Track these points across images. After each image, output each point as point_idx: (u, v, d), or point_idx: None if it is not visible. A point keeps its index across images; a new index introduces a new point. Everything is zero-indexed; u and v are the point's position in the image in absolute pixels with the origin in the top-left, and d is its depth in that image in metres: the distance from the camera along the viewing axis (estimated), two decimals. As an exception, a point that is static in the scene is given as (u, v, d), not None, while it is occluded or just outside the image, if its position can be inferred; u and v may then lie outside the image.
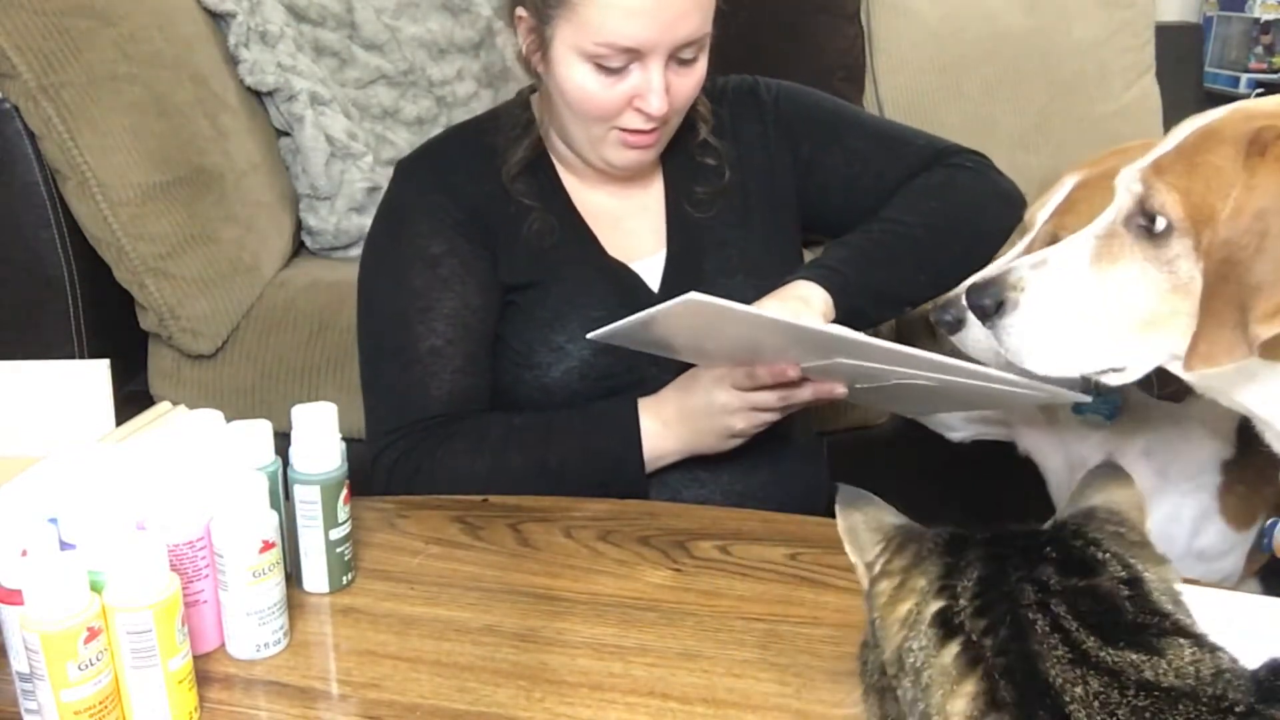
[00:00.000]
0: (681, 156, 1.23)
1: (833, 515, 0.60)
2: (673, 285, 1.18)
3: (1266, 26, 2.71)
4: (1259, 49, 2.72)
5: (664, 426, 1.10)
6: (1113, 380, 0.82)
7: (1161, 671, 0.45)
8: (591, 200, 1.21)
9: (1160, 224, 0.76)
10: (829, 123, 1.26)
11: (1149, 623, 0.48)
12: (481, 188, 1.17)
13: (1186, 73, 2.57)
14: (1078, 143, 2.33)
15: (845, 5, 2.30)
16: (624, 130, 1.10)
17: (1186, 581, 0.88)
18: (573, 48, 1.05)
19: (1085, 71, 2.35)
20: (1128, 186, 0.79)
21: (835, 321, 1.08)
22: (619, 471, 1.10)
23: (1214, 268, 0.74)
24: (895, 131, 1.29)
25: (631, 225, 1.21)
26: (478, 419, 1.14)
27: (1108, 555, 0.51)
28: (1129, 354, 0.80)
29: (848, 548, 0.56)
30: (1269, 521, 1.00)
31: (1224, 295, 0.73)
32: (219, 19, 1.80)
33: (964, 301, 0.95)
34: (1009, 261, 0.88)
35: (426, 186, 1.18)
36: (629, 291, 1.18)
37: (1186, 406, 0.93)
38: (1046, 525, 0.56)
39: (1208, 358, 0.74)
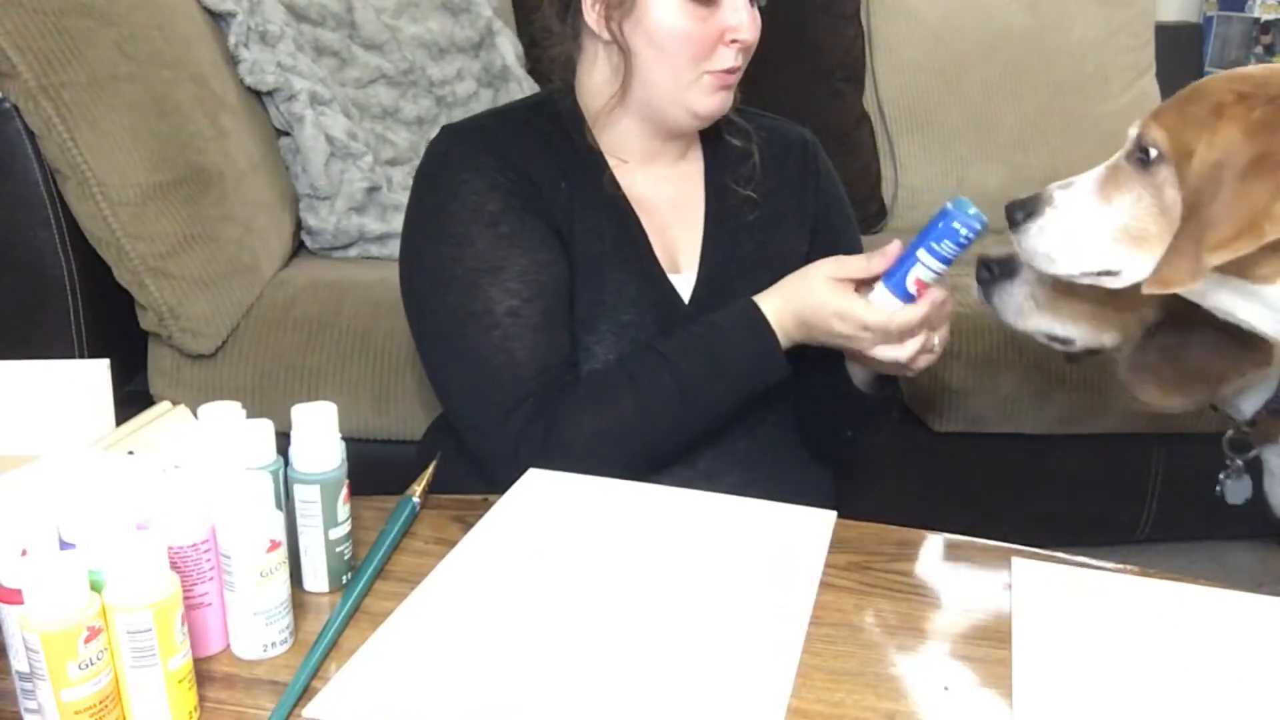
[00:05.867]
0: (719, 158, 1.24)
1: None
2: (703, 302, 1.18)
3: (1266, 26, 2.71)
4: (1259, 49, 2.72)
5: (786, 335, 1.10)
6: (1109, 283, 0.97)
7: None
8: (644, 200, 1.20)
9: (1152, 154, 0.92)
10: (843, 217, 1.31)
11: None
12: (535, 162, 1.15)
13: (1186, 73, 2.57)
14: (1078, 143, 2.33)
15: (845, 5, 2.30)
16: (712, 72, 1.11)
17: (1186, 583, 0.88)
18: None
19: (1085, 71, 2.35)
20: (1131, 131, 0.96)
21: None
22: (763, 373, 1.11)
23: (1185, 209, 0.89)
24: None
25: (676, 235, 1.22)
26: (588, 378, 1.12)
27: None
28: (1123, 262, 0.95)
29: None
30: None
31: (1187, 232, 0.88)
32: (219, 19, 1.80)
33: (1021, 256, 1.06)
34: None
35: (476, 146, 1.16)
36: (663, 303, 1.17)
37: None
38: None
39: (1164, 282, 0.89)
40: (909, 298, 1.04)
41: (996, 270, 1.14)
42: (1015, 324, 1.14)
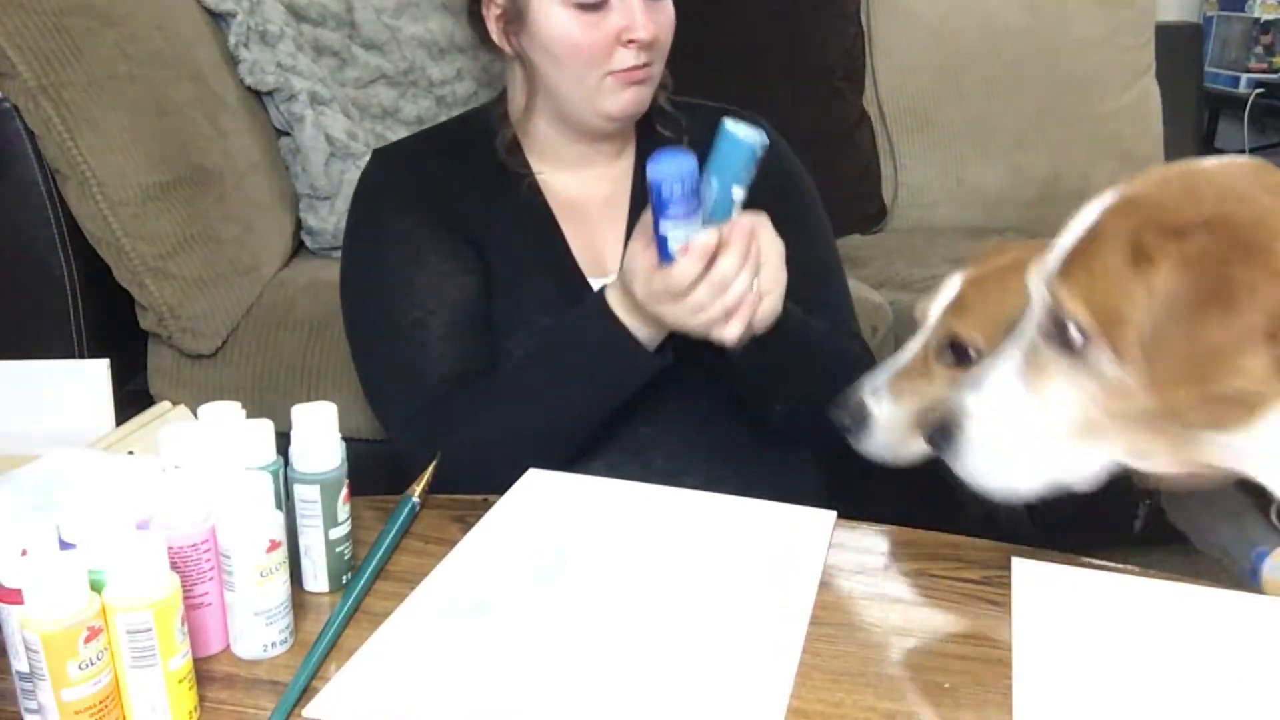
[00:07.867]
0: (648, 142, 1.23)
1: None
2: None
3: (1266, 26, 2.72)
4: (1259, 49, 2.72)
5: (640, 322, 1.04)
6: (1074, 487, 0.81)
7: None
8: (573, 203, 1.20)
9: (1076, 335, 0.75)
10: (794, 202, 1.24)
11: None
12: (453, 178, 1.19)
13: (1186, 73, 2.58)
14: (1077, 143, 2.33)
15: (845, 5, 2.30)
16: (616, 73, 1.11)
17: (1186, 583, 0.88)
18: None
19: (1085, 71, 2.35)
20: (1040, 297, 0.79)
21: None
22: (632, 375, 1.07)
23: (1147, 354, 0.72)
24: (835, 281, 1.27)
25: (603, 236, 1.22)
26: (463, 392, 1.12)
27: None
28: (1080, 461, 0.80)
29: None
30: (1256, 552, 0.97)
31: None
32: (219, 19, 1.80)
33: (867, 404, 1.00)
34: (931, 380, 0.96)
35: (395, 168, 1.21)
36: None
37: None
38: None
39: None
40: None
41: (850, 423, 1.02)
42: (901, 460, 1.01)
